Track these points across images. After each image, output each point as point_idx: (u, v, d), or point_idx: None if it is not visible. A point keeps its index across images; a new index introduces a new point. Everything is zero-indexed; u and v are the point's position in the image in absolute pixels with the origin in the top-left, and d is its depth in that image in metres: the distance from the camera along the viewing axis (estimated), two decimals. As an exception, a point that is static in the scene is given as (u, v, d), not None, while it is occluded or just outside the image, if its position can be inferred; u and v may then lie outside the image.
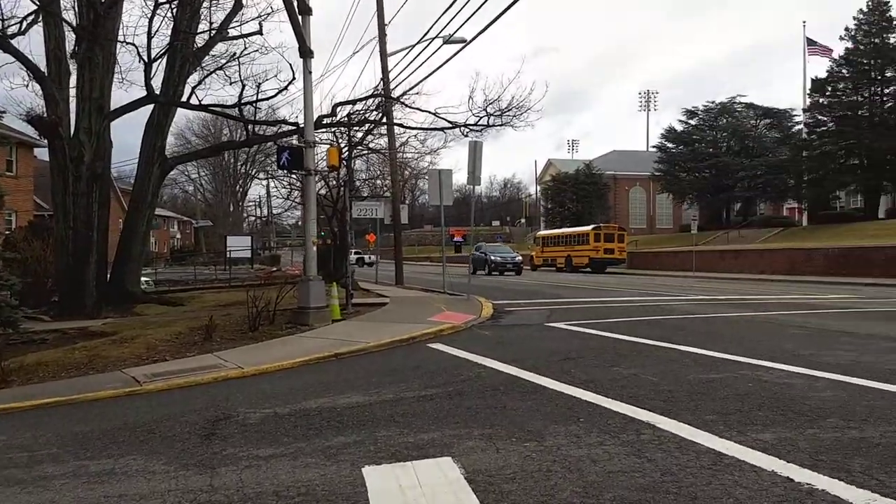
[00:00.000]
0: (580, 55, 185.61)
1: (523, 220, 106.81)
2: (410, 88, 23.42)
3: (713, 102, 65.05)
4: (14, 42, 16.63)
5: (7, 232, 25.64)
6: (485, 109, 19.89)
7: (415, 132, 24.82)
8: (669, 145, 65.45)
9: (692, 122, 65.22)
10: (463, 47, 19.68)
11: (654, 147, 71.75)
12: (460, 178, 22.35)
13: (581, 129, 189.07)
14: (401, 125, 23.56)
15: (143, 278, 28.28)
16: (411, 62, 48.50)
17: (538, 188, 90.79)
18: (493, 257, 38.84)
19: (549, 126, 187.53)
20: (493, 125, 20.20)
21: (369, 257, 24.21)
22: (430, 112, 20.42)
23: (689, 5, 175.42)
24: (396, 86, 23.74)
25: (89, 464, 5.54)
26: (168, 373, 9.99)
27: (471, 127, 19.97)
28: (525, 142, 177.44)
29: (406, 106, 21.67)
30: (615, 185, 77.95)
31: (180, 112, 24.32)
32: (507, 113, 19.95)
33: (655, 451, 4.98)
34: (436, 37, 20.39)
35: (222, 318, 14.19)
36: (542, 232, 57.61)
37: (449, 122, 20.14)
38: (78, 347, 12.36)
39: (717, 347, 9.70)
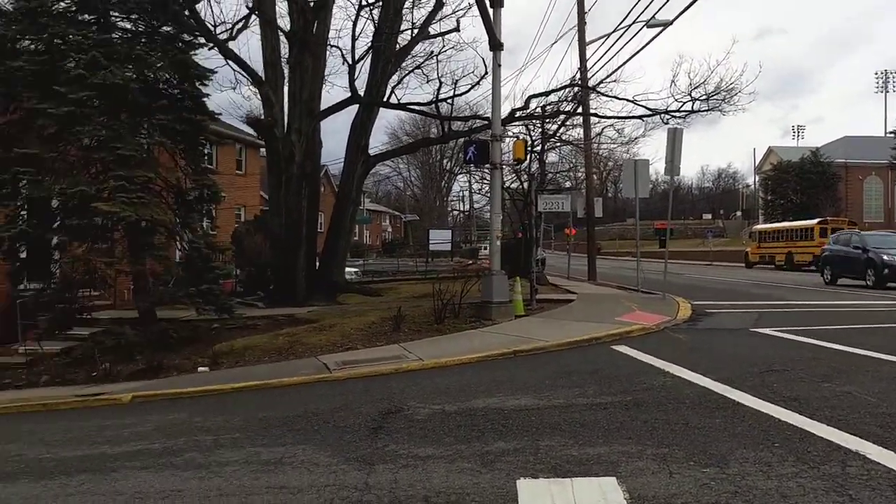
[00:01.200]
0: (807, 35, 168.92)
1: (739, 214, 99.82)
2: (608, 76, 22.69)
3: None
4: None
5: (236, 225, 28.39)
6: (689, 94, 18.69)
7: (611, 121, 23.96)
8: (913, 128, 57.76)
9: (942, 101, 57.12)
10: (663, 29, 18.64)
11: (892, 132, 63.67)
12: (661, 167, 21.27)
13: (808, 115, 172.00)
14: (596, 115, 22.87)
15: (349, 269, 30.09)
16: (608, 49, 47.04)
17: (756, 178, 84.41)
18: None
19: (773, 112, 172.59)
20: (698, 111, 18.92)
21: (540, 252, 23.83)
22: (627, 100, 19.58)
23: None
24: (593, 75, 23.09)
25: (262, 451, 5.82)
26: (356, 361, 10.41)
27: (672, 114, 18.87)
28: (743, 129, 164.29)
29: (602, 94, 20.95)
30: (846, 174, 70.19)
31: (392, 112, 25.50)
32: (715, 97, 18.60)
33: (862, 490, 4.21)
34: (635, 21, 19.47)
35: (412, 310, 14.58)
36: (760, 226, 53.28)
37: (648, 109, 19.18)
38: (282, 334, 13.29)
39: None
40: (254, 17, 19.09)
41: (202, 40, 16.02)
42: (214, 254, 14.66)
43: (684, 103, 18.65)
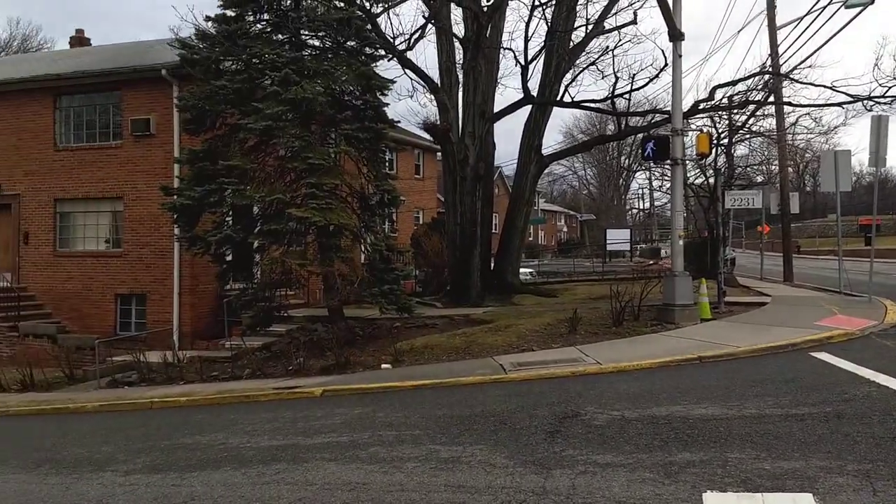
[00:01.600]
0: None
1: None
2: (801, 62, 20.81)
3: None
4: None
5: (414, 227, 29.40)
6: (895, 78, 16.80)
7: (807, 110, 22.06)
8: None
9: None
10: (864, 9, 16.84)
11: None
12: (865, 158, 19.26)
13: None
14: (790, 103, 21.13)
15: (524, 270, 30.13)
16: (802, 34, 43.46)
17: None
18: None
19: None
20: (909, 95, 16.93)
21: (728, 252, 22.24)
22: (824, 86, 17.92)
23: None
24: (785, 61, 21.37)
25: (441, 449, 5.95)
26: (531, 363, 10.38)
27: (876, 100, 17.01)
28: None
29: (796, 81, 19.33)
30: None
31: (566, 110, 25.23)
32: (927, 80, 16.56)
33: None
34: (831, 2, 17.78)
35: (589, 312, 14.30)
36: None
37: (849, 95, 17.45)
38: (459, 333, 13.56)
39: None
40: (430, 26, 19.65)
41: (382, 52, 16.73)
42: (395, 255, 15.26)
43: (889, 88, 16.78)
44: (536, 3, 20.09)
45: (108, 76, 18.77)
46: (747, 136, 24.10)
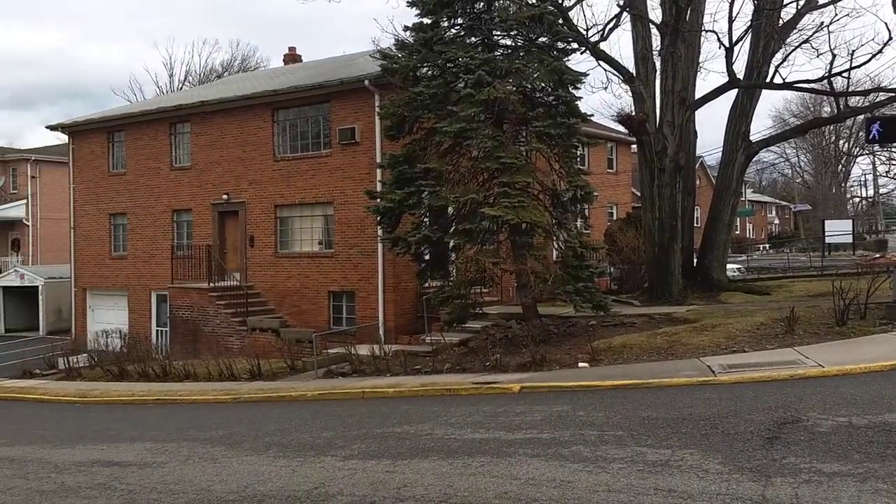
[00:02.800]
0: None
1: None
2: None
3: None
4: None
5: (608, 223, 28.76)
6: None
7: None
8: None
9: None
10: None
11: None
12: None
13: None
14: None
15: (732, 265, 28.39)
16: None
17: None
18: None
19: None
20: None
21: None
22: None
23: None
24: None
25: (647, 451, 5.76)
26: (743, 365, 9.78)
27: None
28: None
29: None
30: None
31: (776, 94, 23.48)
32: None
33: None
34: None
35: (807, 310, 13.20)
36: None
37: None
38: (660, 333, 13.07)
39: None
40: (624, 14, 19.10)
41: (574, 46, 16.52)
42: (588, 252, 15.00)
43: None
44: (740, -20, 18.89)
45: (318, 89, 20.20)
46: None
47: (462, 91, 14.08)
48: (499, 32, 15.00)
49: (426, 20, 15.04)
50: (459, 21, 15.08)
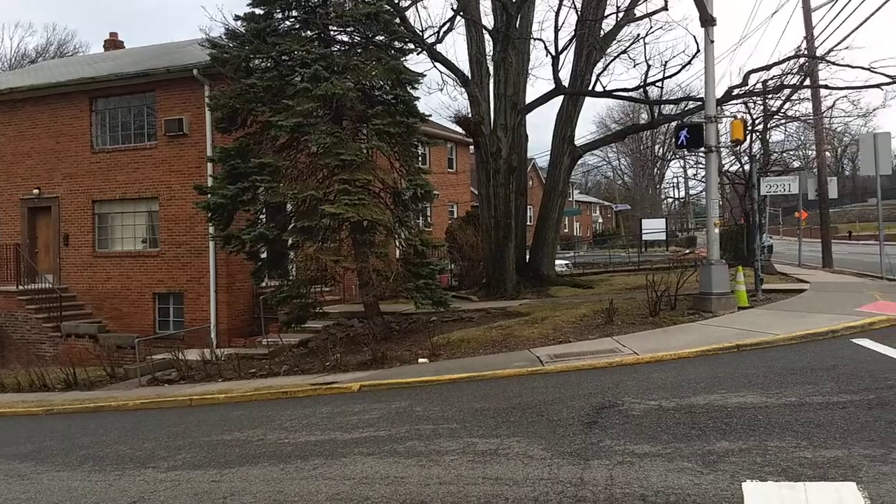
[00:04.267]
0: None
1: None
2: (837, 44, 20.37)
3: None
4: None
5: (449, 221, 29.43)
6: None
7: (844, 93, 21.54)
8: None
9: None
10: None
11: None
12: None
13: None
14: (826, 86, 20.61)
15: (560, 261, 29.93)
16: (837, 14, 42.38)
17: None
18: None
19: None
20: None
21: (766, 238, 21.99)
22: (863, 68, 17.47)
23: None
24: (820, 44, 20.92)
25: (478, 442, 5.96)
26: (568, 354, 10.34)
27: (917, 80, 16.56)
28: None
29: (833, 63, 18.87)
30: None
31: (600, 100, 24.90)
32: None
33: None
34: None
35: (625, 302, 14.20)
36: None
37: (887, 76, 17.00)
38: (496, 326, 13.55)
39: None
40: (458, 18, 19.59)
41: (411, 46, 16.73)
42: (429, 250, 15.27)
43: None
44: (566, -9, 19.94)
45: (141, 77, 19.06)
46: (783, 121, 23.57)
47: (298, 85, 13.81)
48: (335, 28, 14.88)
49: (258, 10, 14.62)
50: (294, 13, 14.80)
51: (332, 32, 14.99)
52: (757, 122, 22.14)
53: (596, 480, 4.67)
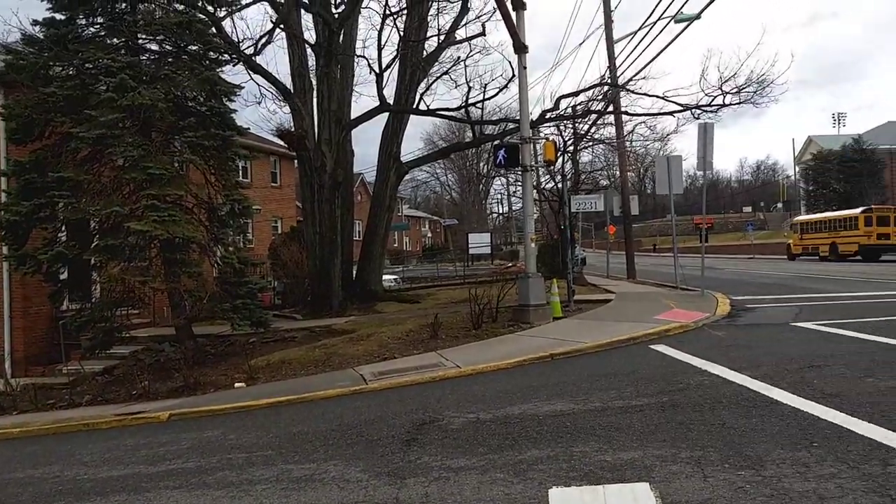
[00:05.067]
0: (859, 19, 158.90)
1: (780, 205, 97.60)
2: (637, 73, 22.27)
3: None
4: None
5: (273, 237, 28.63)
6: (719, 88, 18.26)
7: (643, 119, 23.57)
8: (960, 110, 55.55)
9: None
10: (690, 23, 18.19)
11: (939, 114, 61.44)
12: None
13: (860, 102, 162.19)
14: (626, 113, 22.46)
15: (389, 276, 30.10)
16: (636, 46, 46.30)
17: (797, 169, 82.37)
18: None
19: (825, 100, 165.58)
20: (729, 104, 18.46)
21: (579, 251, 23.75)
22: (658, 96, 19.23)
23: None
24: (622, 73, 22.70)
25: (293, 468, 5.75)
26: (393, 371, 10.32)
27: (703, 108, 18.45)
28: (792, 120, 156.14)
29: (632, 92, 20.62)
30: (892, 160, 67.83)
31: (428, 118, 25.22)
32: (746, 90, 18.15)
33: (907, 489, 3.99)
34: (661, 17, 19.07)
35: (450, 316, 14.47)
36: (801, 217, 51.93)
37: (679, 104, 18.80)
38: (319, 345, 13.29)
39: None
40: (278, 31, 19.22)
41: (227, 57, 16.15)
42: (248, 267, 14.72)
43: (714, 97, 18.25)
44: (388, 11, 20.20)
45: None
46: (590, 143, 25.36)
47: (103, 95, 12.86)
48: (145, 37, 14.03)
49: (59, 16, 13.50)
50: (100, 20, 13.82)
51: (140, 41, 14.14)
52: (568, 143, 23.64)
53: (411, 499, 4.65)
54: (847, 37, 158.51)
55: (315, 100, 19.43)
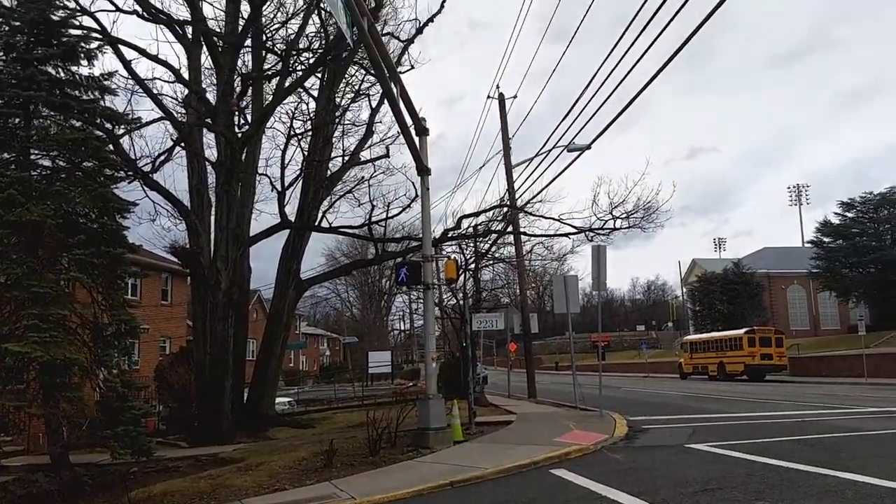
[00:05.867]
0: (734, 152, 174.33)
1: (671, 324, 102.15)
2: (534, 197, 23.24)
3: (871, 193, 60.13)
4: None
5: (160, 358, 27.30)
6: (610, 213, 19.37)
7: (540, 239, 24.54)
8: (826, 240, 60.71)
9: (849, 214, 60.38)
10: (582, 152, 19.44)
11: (809, 242, 66.99)
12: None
13: (738, 228, 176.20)
14: (525, 234, 23.35)
15: (283, 399, 29.03)
16: (534, 171, 48.96)
17: (684, 290, 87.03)
18: None
19: (706, 226, 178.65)
20: (620, 228, 19.56)
21: (481, 369, 23.99)
22: (554, 219, 20.18)
23: (845, 102, 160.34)
24: (521, 195, 23.77)
25: None
26: (283, 504, 9.76)
27: (596, 231, 19.44)
28: (678, 243, 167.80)
29: (530, 214, 21.55)
30: (769, 284, 72.79)
31: (330, 234, 25.19)
32: (634, 215, 19.32)
33: None
34: (555, 146, 20.32)
35: (346, 441, 13.98)
36: (691, 336, 54.36)
37: (574, 227, 19.73)
38: (204, 476, 12.46)
39: (885, 474, 8.24)
40: (178, 148, 19.14)
41: (123, 174, 15.87)
42: (132, 392, 13.89)
43: (606, 221, 19.32)
44: (293, 132, 20.59)
45: None
46: (491, 261, 26.05)
47: (-11, 209, 12.28)
48: (38, 152, 13.65)
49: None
50: (-8, 134, 13.39)
51: (33, 156, 13.72)
52: (470, 261, 24.16)
53: None
54: (725, 169, 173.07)
55: (213, 216, 19.21)
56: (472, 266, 24.61)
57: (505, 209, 23.02)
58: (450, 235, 21.01)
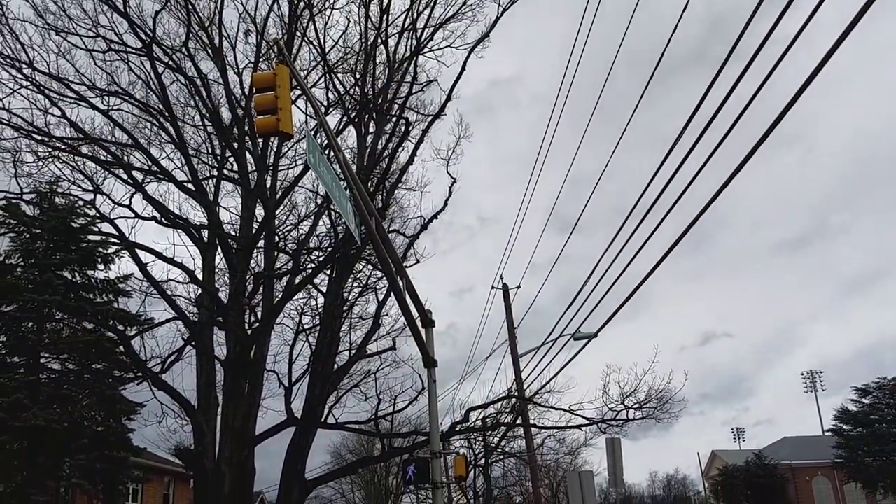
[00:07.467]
0: (745, 340, 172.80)
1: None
2: (542, 387, 22.96)
3: (885, 378, 59.03)
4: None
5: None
6: (622, 403, 18.95)
7: (551, 432, 23.90)
8: (846, 427, 58.67)
9: (866, 400, 58.96)
10: (589, 341, 19.49)
11: (829, 430, 64.80)
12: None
13: (758, 416, 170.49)
14: (535, 426, 22.78)
15: None
16: (541, 360, 48.87)
17: (706, 484, 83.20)
18: None
19: (726, 414, 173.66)
20: (633, 419, 19.02)
21: None
22: (564, 409, 19.72)
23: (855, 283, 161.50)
24: (528, 385, 23.50)
25: None
26: None
27: (609, 422, 18.92)
28: (697, 432, 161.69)
29: (538, 405, 21.18)
30: (793, 476, 69.51)
31: (334, 431, 24.63)
32: (647, 405, 18.88)
33: None
34: (561, 334, 20.41)
35: None
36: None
37: (585, 418, 19.27)
38: None
39: None
40: (189, 347, 19.26)
41: (132, 374, 15.90)
42: None
43: (618, 412, 18.82)
44: (301, 328, 20.84)
45: None
46: (502, 456, 25.24)
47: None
48: (47, 355, 13.85)
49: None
50: (2, 339, 13.65)
51: (43, 359, 13.91)
52: (479, 456, 23.44)
53: None
54: (741, 355, 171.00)
55: (220, 416, 18.91)
56: (482, 461, 23.85)
57: (513, 400, 22.68)
58: (458, 429, 20.54)
